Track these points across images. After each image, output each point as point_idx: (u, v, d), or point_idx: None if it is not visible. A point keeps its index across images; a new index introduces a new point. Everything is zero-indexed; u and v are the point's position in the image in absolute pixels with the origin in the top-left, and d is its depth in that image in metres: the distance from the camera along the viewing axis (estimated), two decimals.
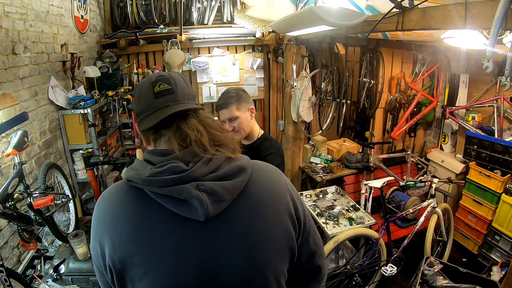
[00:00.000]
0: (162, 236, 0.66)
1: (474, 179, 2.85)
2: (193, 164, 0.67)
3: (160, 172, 0.66)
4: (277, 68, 3.85)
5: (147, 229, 0.66)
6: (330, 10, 1.81)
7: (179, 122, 0.73)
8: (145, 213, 0.67)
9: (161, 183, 0.65)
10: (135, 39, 3.50)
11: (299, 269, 0.81)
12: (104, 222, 0.69)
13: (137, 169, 0.70)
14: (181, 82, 0.77)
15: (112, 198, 0.72)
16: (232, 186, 0.69)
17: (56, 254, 1.83)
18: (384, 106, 3.70)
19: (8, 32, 1.92)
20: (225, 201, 0.67)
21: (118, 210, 0.69)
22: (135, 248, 0.65)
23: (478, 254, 2.87)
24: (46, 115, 2.37)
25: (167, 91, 0.74)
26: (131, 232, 0.66)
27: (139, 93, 0.78)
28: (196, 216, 0.65)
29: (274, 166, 0.84)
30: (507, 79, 1.22)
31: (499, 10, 1.10)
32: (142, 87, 0.77)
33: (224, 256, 0.67)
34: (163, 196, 0.66)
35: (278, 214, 0.74)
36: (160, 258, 0.65)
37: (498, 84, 2.88)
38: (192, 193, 0.64)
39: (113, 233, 0.67)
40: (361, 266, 2.41)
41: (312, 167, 3.37)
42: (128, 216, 0.68)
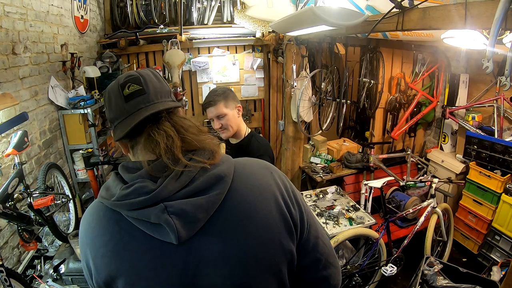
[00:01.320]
0: (140, 257, 0.62)
1: (474, 179, 2.84)
2: (162, 180, 0.61)
3: (125, 195, 0.61)
4: (277, 68, 3.85)
5: (125, 251, 0.63)
6: (330, 10, 1.81)
7: (149, 128, 0.65)
8: (121, 235, 0.63)
9: (128, 207, 0.60)
10: (135, 39, 3.50)
11: (301, 279, 0.75)
12: (86, 245, 0.67)
13: (108, 189, 0.66)
14: (152, 80, 0.70)
15: (90, 220, 0.68)
16: (207, 202, 0.62)
17: (56, 254, 1.83)
18: (384, 106, 3.70)
19: (8, 32, 1.92)
20: (199, 221, 0.61)
21: (96, 233, 0.66)
22: (116, 271, 0.63)
23: (478, 254, 2.86)
24: (46, 115, 2.37)
25: (138, 92, 0.67)
26: (110, 255, 0.63)
27: (109, 98, 0.70)
28: (169, 240, 0.60)
29: (264, 163, 0.77)
30: (507, 79, 1.22)
31: (499, 10, 1.10)
32: (111, 91, 0.70)
33: (206, 276, 0.62)
34: (135, 219, 0.61)
35: (264, 224, 0.66)
36: (142, 280, 0.62)
37: (498, 84, 2.87)
38: (161, 218, 0.58)
39: (95, 256, 0.65)
40: (361, 266, 2.41)
41: (312, 167, 3.37)
42: (105, 239, 0.64)
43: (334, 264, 0.79)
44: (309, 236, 0.74)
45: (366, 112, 3.75)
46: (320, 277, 0.77)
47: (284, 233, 0.68)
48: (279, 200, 0.69)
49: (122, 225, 0.63)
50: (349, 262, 2.44)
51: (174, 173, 0.61)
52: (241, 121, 1.68)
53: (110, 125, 0.73)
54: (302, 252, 0.73)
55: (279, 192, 0.70)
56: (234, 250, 0.63)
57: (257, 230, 0.65)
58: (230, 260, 0.63)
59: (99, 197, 0.67)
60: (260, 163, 0.77)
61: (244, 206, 0.66)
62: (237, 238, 0.64)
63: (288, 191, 0.73)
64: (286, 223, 0.69)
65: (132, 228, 0.62)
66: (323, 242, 0.77)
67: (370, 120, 3.80)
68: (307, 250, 0.74)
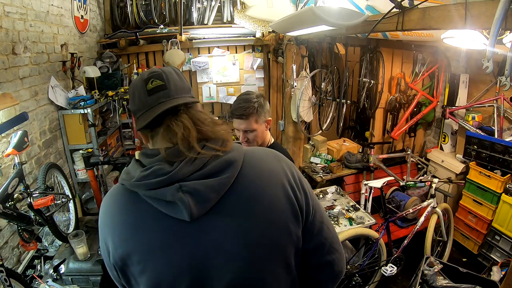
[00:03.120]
0: (154, 235, 0.68)
1: (474, 179, 2.84)
2: (178, 164, 0.67)
3: (145, 176, 0.67)
4: (277, 68, 3.85)
5: (140, 229, 0.68)
6: (330, 10, 1.81)
7: (168, 119, 0.71)
8: (138, 214, 0.69)
9: (147, 187, 0.66)
10: (135, 39, 3.50)
11: (306, 262, 0.79)
12: (105, 224, 0.73)
13: (128, 173, 0.71)
14: (173, 77, 0.76)
15: (110, 201, 0.75)
16: (218, 184, 0.67)
17: (56, 254, 1.83)
18: (384, 106, 3.70)
19: (8, 32, 1.92)
20: (210, 201, 0.66)
21: (114, 213, 0.72)
22: (132, 247, 0.68)
23: (478, 254, 2.86)
24: (46, 115, 2.37)
25: (160, 87, 0.73)
26: (127, 232, 0.69)
27: (133, 91, 0.77)
28: (182, 217, 0.65)
29: (272, 152, 0.81)
30: (507, 79, 1.22)
31: (499, 10, 1.10)
32: (136, 86, 0.76)
33: (215, 256, 0.67)
34: (152, 198, 0.67)
35: (271, 206, 0.71)
36: (154, 256, 0.67)
37: (498, 84, 2.87)
38: (175, 196, 0.64)
39: (113, 233, 0.70)
40: (361, 266, 2.41)
41: (312, 167, 3.37)
42: (124, 217, 0.70)
43: (338, 250, 0.82)
44: (314, 221, 0.78)
45: (366, 112, 3.75)
46: (324, 262, 0.80)
47: (290, 216, 0.72)
48: (285, 185, 0.74)
49: (139, 205, 0.69)
50: (349, 262, 2.44)
51: (188, 158, 0.67)
52: (267, 134, 1.60)
53: (134, 116, 0.82)
54: (307, 235, 0.77)
55: (286, 178, 0.75)
56: (242, 229, 0.68)
57: (264, 211, 0.70)
58: (237, 239, 0.68)
59: (120, 180, 0.73)
60: (268, 151, 0.82)
61: (252, 189, 0.71)
62: (245, 219, 0.69)
63: (295, 178, 0.77)
64: (292, 206, 0.73)
65: (148, 207, 0.68)
66: (327, 227, 0.81)
67: (370, 120, 3.80)
68: (312, 234, 0.77)
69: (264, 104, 1.49)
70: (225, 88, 3.93)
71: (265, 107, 1.50)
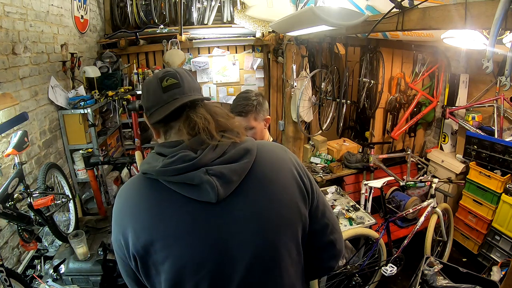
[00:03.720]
0: (178, 220, 0.71)
1: (474, 179, 2.84)
2: (201, 151, 0.72)
3: (171, 162, 0.70)
4: (277, 68, 3.85)
5: (164, 215, 0.71)
6: (330, 10, 1.81)
7: (188, 112, 0.77)
8: (161, 201, 0.73)
9: (174, 172, 0.70)
10: (135, 39, 3.50)
11: (312, 243, 0.86)
12: (125, 213, 0.74)
13: (150, 162, 0.74)
14: (186, 76, 0.82)
15: (130, 191, 0.77)
16: (239, 168, 0.73)
17: (56, 254, 1.83)
18: (384, 106, 3.70)
19: (8, 32, 1.92)
20: (233, 182, 0.72)
21: (137, 201, 0.75)
22: (155, 234, 0.70)
23: (478, 254, 2.86)
24: (46, 115, 2.37)
25: (175, 85, 0.78)
26: (150, 219, 0.71)
27: (148, 89, 0.82)
28: (208, 199, 0.70)
29: (279, 145, 0.91)
30: (507, 79, 1.22)
31: (499, 10, 1.10)
32: (150, 84, 0.82)
33: (238, 233, 0.72)
34: (176, 184, 0.71)
35: (284, 188, 0.78)
36: (179, 241, 0.70)
37: (498, 84, 2.87)
38: (203, 178, 0.69)
39: (135, 222, 0.72)
40: (361, 266, 2.41)
41: (312, 167, 3.37)
42: (146, 205, 0.73)
43: (338, 230, 0.92)
44: (318, 204, 0.86)
45: (366, 112, 3.75)
46: (328, 241, 0.88)
47: (299, 197, 0.81)
48: (293, 170, 0.82)
49: (161, 192, 0.72)
50: (349, 262, 2.44)
51: (210, 146, 0.73)
52: (265, 132, 1.61)
53: (145, 113, 0.84)
54: (314, 217, 0.85)
55: (293, 165, 0.84)
56: (262, 208, 0.75)
57: (279, 192, 0.77)
58: (258, 218, 0.74)
59: (141, 171, 0.77)
60: (275, 144, 0.91)
61: (267, 172, 0.78)
62: (263, 198, 0.75)
63: (300, 165, 0.87)
64: (300, 189, 0.81)
65: (171, 194, 0.71)
66: (329, 210, 0.90)
67: (370, 120, 3.80)
68: (317, 216, 0.86)
69: (263, 103, 1.51)
70: (225, 88, 3.94)
71: (264, 105, 1.51)
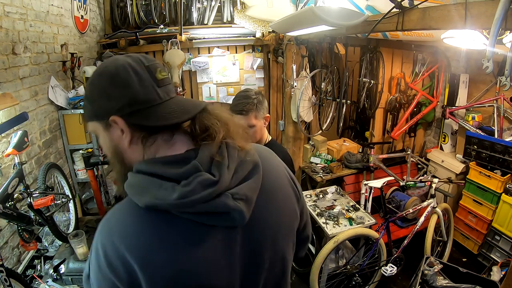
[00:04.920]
0: (201, 250, 0.61)
1: (474, 179, 2.84)
2: (217, 171, 0.60)
3: (190, 192, 0.56)
4: (277, 68, 3.85)
5: (187, 251, 0.60)
6: (330, 10, 1.81)
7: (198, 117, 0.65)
8: (178, 236, 0.60)
9: (195, 203, 0.57)
10: (135, 39, 3.50)
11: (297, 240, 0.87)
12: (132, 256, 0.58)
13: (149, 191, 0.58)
14: None
15: (133, 229, 0.60)
16: (256, 186, 0.67)
17: (56, 254, 1.83)
18: (384, 106, 3.70)
19: (8, 32, 1.92)
20: (253, 202, 0.65)
21: (147, 242, 0.58)
22: (182, 273, 0.60)
23: (478, 254, 2.86)
24: (46, 115, 2.37)
25: (168, 80, 0.65)
26: (171, 260, 0.59)
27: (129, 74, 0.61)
28: (232, 224, 0.62)
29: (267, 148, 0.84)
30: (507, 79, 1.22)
31: (499, 10, 1.10)
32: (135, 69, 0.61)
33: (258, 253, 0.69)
34: (194, 214, 0.59)
35: (286, 196, 0.78)
36: (205, 270, 0.62)
37: (498, 84, 2.87)
38: (230, 206, 0.59)
39: (154, 266, 0.58)
40: (361, 266, 2.41)
41: (312, 167, 3.37)
42: (163, 245, 0.59)
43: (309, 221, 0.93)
44: (303, 202, 0.86)
45: (366, 112, 3.75)
46: (306, 235, 0.92)
47: (295, 201, 0.80)
48: (286, 174, 0.81)
49: (176, 224, 0.60)
50: (349, 262, 2.44)
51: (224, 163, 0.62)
52: (265, 130, 1.62)
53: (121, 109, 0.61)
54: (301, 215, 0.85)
55: (285, 168, 0.82)
56: (273, 222, 0.72)
57: (283, 200, 0.76)
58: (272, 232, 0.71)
59: (144, 202, 0.58)
60: (265, 148, 0.85)
61: (272, 182, 0.74)
62: (274, 211, 0.73)
63: (288, 169, 0.85)
64: (295, 192, 0.81)
65: (186, 223, 0.60)
66: (307, 206, 0.92)
67: (370, 120, 3.80)
68: (302, 215, 0.85)
69: (262, 101, 1.53)
70: (225, 88, 3.93)
71: (263, 103, 1.53)
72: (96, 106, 0.64)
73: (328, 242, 2.26)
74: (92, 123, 0.67)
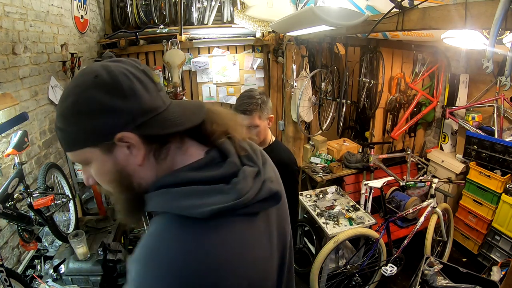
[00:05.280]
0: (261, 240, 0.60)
1: (474, 179, 2.84)
2: (250, 161, 0.61)
3: (245, 188, 0.54)
4: (277, 68, 3.85)
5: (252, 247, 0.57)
6: (330, 10, 1.81)
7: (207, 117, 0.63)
8: (243, 235, 0.55)
9: (252, 197, 0.55)
10: (135, 39, 3.50)
11: None
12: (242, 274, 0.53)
13: (202, 199, 0.52)
14: None
15: (218, 247, 0.52)
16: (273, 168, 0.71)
17: (56, 254, 1.83)
18: (384, 106, 3.70)
19: (8, 32, 1.92)
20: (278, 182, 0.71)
21: (237, 252, 0.53)
22: (260, 278, 0.58)
23: (478, 254, 2.86)
24: (46, 115, 2.37)
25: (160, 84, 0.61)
26: (254, 260, 0.57)
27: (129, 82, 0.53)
28: (276, 204, 0.62)
29: None
30: (507, 79, 1.22)
31: (499, 10, 1.11)
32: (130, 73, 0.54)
33: (286, 229, 0.72)
34: (247, 207, 0.55)
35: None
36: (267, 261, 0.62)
37: (498, 84, 2.87)
38: (273, 189, 0.59)
39: (252, 274, 0.55)
40: (361, 266, 2.41)
41: (312, 167, 3.37)
42: (244, 250, 0.55)
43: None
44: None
45: (366, 112, 3.75)
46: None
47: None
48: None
49: (236, 224, 0.55)
50: (349, 262, 2.44)
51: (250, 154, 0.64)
52: (268, 130, 1.61)
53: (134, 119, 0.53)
54: None
55: None
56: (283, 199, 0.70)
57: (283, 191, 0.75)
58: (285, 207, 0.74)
59: (207, 214, 0.50)
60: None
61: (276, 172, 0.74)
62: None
63: None
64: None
65: (243, 221, 0.56)
66: None
67: (370, 120, 3.80)
68: None
69: (266, 101, 1.52)
70: (225, 88, 3.93)
71: (267, 104, 1.52)
72: (89, 129, 0.53)
73: (328, 242, 2.26)
74: (83, 151, 0.55)
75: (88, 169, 0.58)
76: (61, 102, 0.55)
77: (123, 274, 1.70)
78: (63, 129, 0.55)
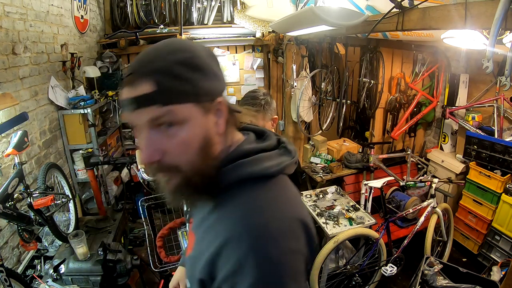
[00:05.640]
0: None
1: (474, 179, 2.84)
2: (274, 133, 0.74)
3: (293, 151, 0.69)
4: (277, 68, 3.85)
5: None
6: (330, 10, 1.82)
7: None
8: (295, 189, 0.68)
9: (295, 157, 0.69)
10: (135, 39, 3.50)
11: None
12: (299, 221, 0.59)
13: (270, 159, 0.63)
14: None
15: (285, 197, 0.63)
16: None
17: (56, 254, 1.83)
18: (384, 106, 3.70)
19: (8, 32, 1.92)
20: None
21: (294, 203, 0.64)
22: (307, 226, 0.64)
23: (478, 254, 2.86)
24: (46, 115, 2.37)
25: None
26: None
27: (211, 59, 0.59)
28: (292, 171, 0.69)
29: None
30: (507, 79, 1.22)
31: (499, 10, 1.11)
32: (206, 53, 0.60)
33: None
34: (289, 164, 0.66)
35: None
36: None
37: (498, 84, 2.87)
38: (293, 150, 0.70)
39: (308, 219, 0.62)
40: (361, 266, 2.41)
41: (312, 167, 3.37)
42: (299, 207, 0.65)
43: None
44: None
45: (366, 112, 3.75)
46: None
47: None
48: None
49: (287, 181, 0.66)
50: (349, 262, 2.44)
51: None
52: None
53: (218, 94, 0.60)
54: None
55: None
56: None
57: None
58: None
59: (269, 173, 0.60)
60: None
61: None
62: None
63: None
64: None
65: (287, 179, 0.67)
66: None
67: (370, 120, 3.80)
68: None
69: (270, 102, 1.50)
70: None
71: (271, 104, 1.50)
72: (205, 86, 0.56)
73: (328, 242, 2.26)
74: (186, 106, 0.54)
75: (159, 140, 0.55)
76: (179, 51, 0.55)
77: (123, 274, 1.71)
78: (180, 77, 0.53)
